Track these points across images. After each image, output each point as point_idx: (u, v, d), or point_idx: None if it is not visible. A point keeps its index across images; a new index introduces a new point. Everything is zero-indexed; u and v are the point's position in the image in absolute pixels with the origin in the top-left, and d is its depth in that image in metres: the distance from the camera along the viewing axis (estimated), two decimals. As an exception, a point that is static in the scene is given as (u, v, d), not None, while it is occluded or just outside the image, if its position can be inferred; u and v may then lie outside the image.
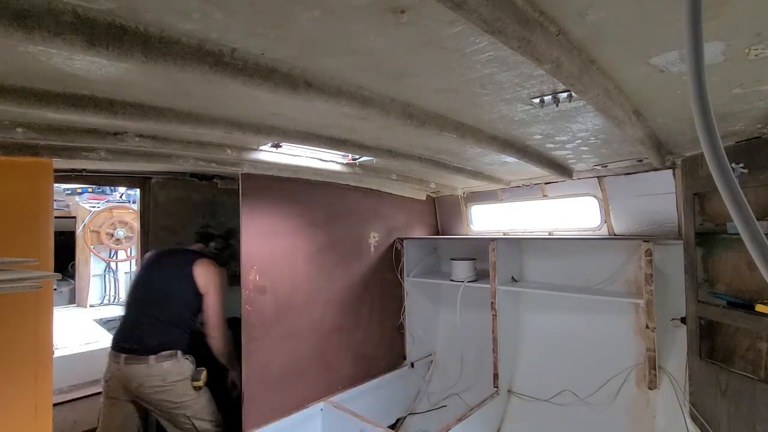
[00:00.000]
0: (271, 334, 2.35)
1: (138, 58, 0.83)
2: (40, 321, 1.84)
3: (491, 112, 1.40)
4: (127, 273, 5.93)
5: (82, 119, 1.44)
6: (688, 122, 1.52)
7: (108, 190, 5.83)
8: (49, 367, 1.86)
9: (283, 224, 2.46)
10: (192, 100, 1.30)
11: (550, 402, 2.68)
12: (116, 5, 0.73)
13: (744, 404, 1.69)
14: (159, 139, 1.70)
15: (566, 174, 2.43)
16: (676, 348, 2.26)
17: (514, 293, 2.89)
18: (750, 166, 1.64)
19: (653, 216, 2.41)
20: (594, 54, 0.98)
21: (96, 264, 5.76)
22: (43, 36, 0.72)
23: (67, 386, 3.43)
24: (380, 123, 1.49)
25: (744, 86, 1.16)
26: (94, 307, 5.59)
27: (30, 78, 1.07)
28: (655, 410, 2.30)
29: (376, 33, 0.86)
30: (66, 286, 6.61)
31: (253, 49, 0.93)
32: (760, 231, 0.39)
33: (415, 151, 2.07)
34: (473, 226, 3.44)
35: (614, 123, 1.31)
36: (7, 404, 1.74)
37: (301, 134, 1.66)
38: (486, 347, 2.82)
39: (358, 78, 1.11)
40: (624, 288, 2.51)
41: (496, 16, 0.68)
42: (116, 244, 5.72)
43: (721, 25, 0.83)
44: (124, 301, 2.53)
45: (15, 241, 1.79)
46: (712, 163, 0.41)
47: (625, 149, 1.96)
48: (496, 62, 1.00)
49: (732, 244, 1.85)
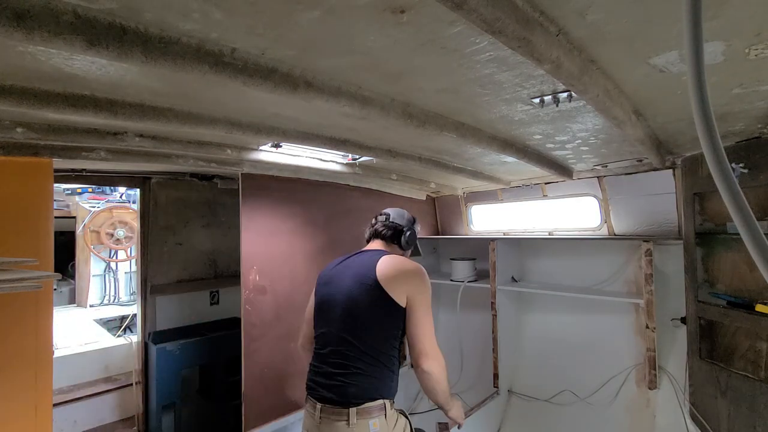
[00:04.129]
0: (271, 334, 2.35)
1: (138, 58, 0.83)
2: (40, 321, 1.84)
3: (491, 112, 1.40)
4: (127, 273, 5.93)
5: (82, 119, 1.44)
6: (688, 122, 1.52)
7: (108, 190, 5.83)
8: (49, 367, 1.86)
9: (283, 224, 2.46)
10: (192, 100, 1.30)
11: (550, 402, 2.68)
12: (116, 5, 0.73)
13: (744, 404, 1.69)
14: (159, 139, 1.70)
15: (566, 174, 2.42)
16: (676, 348, 2.26)
17: (514, 293, 2.89)
18: (750, 166, 1.65)
19: (653, 216, 2.41)
20: (594, 54, 0.98)
21: (96, 264, 5.76)
22: (43, 36, 0.72)
23: (67, 386, 3.43)
24: (380, 123, 1.49)
25: (744, 86, 1.16)
26: (94, 307, 5.59)
27: (30, 78, 1.07)
28: (655, 410, 2.30)
29: (376, 33, 0.86)
30: (66, 286, 6.61)
31: (253, 49, 0.93)
32: (760, 231, 0.39)
33: (415, 151, 2.07)
34: (473, 226, 3.44)
35: (614, 123, 1.31)
36: (7, 404, 1.74)
37: (301, 134, 1.66)
38: (486, 347, 2.82)
39: (358, 78, 1.11)
40: (624, 288, 2.51)
41: (496, 16, 0.68)
42: (116, 244, 5.72)
43: (721, 25, 0.83)
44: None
45: (15, 241, 1.79)
46: (712, 163, 0.41)
47: (625, 149, 1.96)
48: (496, 62, 1.00)
49: (732, 244, 1.85)
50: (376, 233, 1.77)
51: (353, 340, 1.49)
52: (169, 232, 3.28)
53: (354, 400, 1.44)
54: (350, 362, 1.47)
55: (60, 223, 5.25)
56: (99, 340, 3.95)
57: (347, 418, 1.42)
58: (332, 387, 1.48)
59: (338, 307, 1.54)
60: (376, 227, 1.78)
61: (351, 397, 1.44)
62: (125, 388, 3.45)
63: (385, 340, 1.51)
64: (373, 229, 1.78)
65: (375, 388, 1.47)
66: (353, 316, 1.51)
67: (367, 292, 1.50)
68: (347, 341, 1.49)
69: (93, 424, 3.33)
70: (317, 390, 1.52)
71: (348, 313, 1.52)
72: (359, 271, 1.56)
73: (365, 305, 1.50)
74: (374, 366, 1.48)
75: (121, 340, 3.95)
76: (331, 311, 1.57)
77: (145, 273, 3.18)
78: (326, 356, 1.54)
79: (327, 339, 1.56)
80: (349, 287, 1.54)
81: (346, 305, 1.52)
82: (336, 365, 1.49)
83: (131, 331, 4.22)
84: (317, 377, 1.54)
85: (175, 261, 3.31)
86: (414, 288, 1.51)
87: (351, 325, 1.51)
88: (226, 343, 3.09)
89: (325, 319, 1.59)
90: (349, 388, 1.45)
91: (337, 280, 1.61)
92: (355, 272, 1.57)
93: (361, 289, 1.51)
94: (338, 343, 1.51)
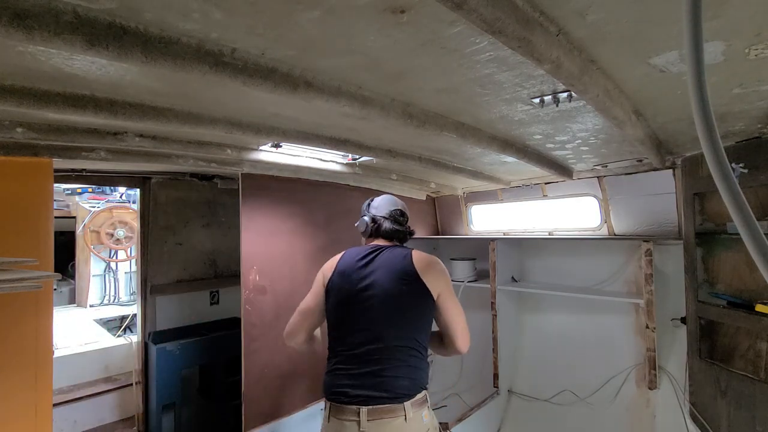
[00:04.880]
0: (271, 334, 2.35)
1: (138, 58, 0.82)
2: (40, 321, 1.84)
3: (491, 112, 1.40)
4: (127, 273, 5.93)
5: (82, 119, 1.44)
6: (688, 122, 1.52)
7: (108, 190, 5.83)
8: (49, 367, 1.86)
9: (283, 224, 2.46)
10: (192, 100, 1.30)
11: (550, 402, 2.68)
12: (116, 5, 0.73)
13: (744, 404, 1.69)
14: (159, 139, 1.70)
15: (566, 174, 2.42)
16: (676, 348, 2.26)
17: (514, 293, 2.89)
18: (750, 166, 1.65)
19: (653, 216, 2.41)
20: (594, 54, 0.98)
21: (96, 264, 5.76)
22: (43, 36, 0.72)
23: (67, 386, 3.44)
24: (380, 123, 1.49)
25: (744, 86, 1.16)
26: (94, 307, 5.59)
27: (30, 78, 1.07)
28: (655, 410, 2.30)
29: (376, 33, 0.86)
30: (66, 286, 6.62)
31: (253, 49, 0.93)
32: (760, 231, 0.39)
33: (415, 151, 2.07)
34: (473, 226, 3.44)
35: (614, 123, 1.31)
36: (7, 404, 1.74)
37: (301, 134, 1.66)
38: (486, 347, 2.82)
39: (358, 78, 1.11)
40: (624, 288, 2.51)
41: (496, 16, 0.68)
42: (116, 244, 5.72)
43: (721, 25, 0.83)
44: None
45: (15, 241, 1.79)
46: (712, 163, 0.41)
47: (625, 149, 1.96)
48: (496, 62, 1.00)
49: (732, 244, 1.85)
50: (385, 234, 1.70)
51: (399, 335, 1.49)
52: (169, 232, 3.28)
53: (407, 393, 1.44)
54: (397, 357, 1.47)
55: (60, 223, 5.25)
56: (99, 340, 3.95)
57: (404, 413, 1.40)
58: (380, 385, 1.43)
59: (377, 305, 1.51)
60: (385, 227, 1.70)
61: (405, 391, 1.44)
62: (125, 388, 3.45)
63: (425, 332, 1.56)
64: (383, 229, 1.70)
65: (421, 379, 1.50)
66: (398, 312, 1.51)
67: (408, 287, 1.51)
68: (392, 337, 1.48)
69: (93, 424, 3.33)
70: (357, 393, 1.44)
71: (391, 310, 1.51)
72: (395, 267, 1.56)
73: (408, 300, 1.52)
74: (418, 358, 1.51)
75: (121, 340, 3.95)
76: (366, 311, 1.52)
77: (145, 273, 3.18)
78: (364, 356, 1.48)
79: (363, 339, 1.50)
80: (388, 284, 1.52)
81: (388, 302, 1.51)
82: (380, 362, 1.46)
83: (131, 331, 4.22)
84: (355, 380, 1.46)
85: (175, 261, 3.31)
86: (444, 280, 1.58)
87: (395, 320, 1.50)
88: (226, 343, 3.09)
89: (358, 320, 1.53)
90: (401, 381, 1.44)
91: (367, 278, 1.56)
92: (389, 269, 1.56)
93: (401, 285, 1.52)
94: (381, 341, 1.48)
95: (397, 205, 1.77)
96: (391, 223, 1.71)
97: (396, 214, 1.73)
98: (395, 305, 1.51)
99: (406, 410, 1.41)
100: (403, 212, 1.76)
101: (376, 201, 1.79)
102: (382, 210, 1.74)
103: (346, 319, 1.55)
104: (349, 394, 1.44)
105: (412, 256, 1.59)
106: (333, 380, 1.51)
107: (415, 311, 1.53)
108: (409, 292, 1.51)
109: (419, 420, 1.43)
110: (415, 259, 1.57)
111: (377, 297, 1.51)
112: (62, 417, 3.16)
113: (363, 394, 1.42)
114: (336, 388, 1.48)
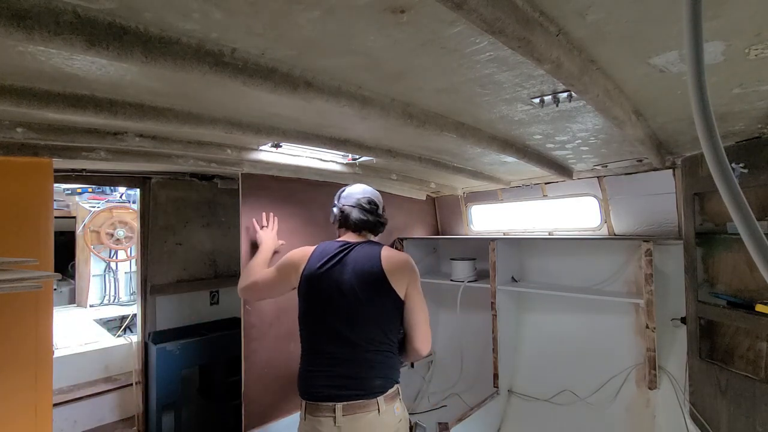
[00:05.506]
0: (271, 334, 2.35)
1: (138, 58, 0.82)
2: (40, 321, 1.84)
3: (491, 112, 1.40)
4: (127, 273, 5.93)
5: (82, 119, 1.44)
6: (688, 122, 1.52)
7: (108, 190, 5.82)
8: (49, 367, 1.86)
9: (283, 224, 2.45)
10: (192, 100, 1.30)
11: (550, 402, 2.68)
12: (116, 5, 0.73)
13: (744, 404, 1.69)
14: (159, 139, 1.70)
15: (566, 174, 2.43)
16: (676, 348, 2.26)
17: (514, 293, 2.89)
18: (750, 166, 1.65)
19: (653, 216, 2.41)
20: (594, 54, 0.98)
21: (96, 264, 5.76)
22: (43, 36, 0.72)
23: (67, 386, 3.43)
24: (380, 123, 1.49)
25: (744, 86, 1.16)
26: (94, 307, 5.59)
27: (30, 78, 1.07)
28: (655, 410, 2.30)
29: (375, 33, 0.86)
30: (66, 286, 6.62)
31: (253, 49, 0.93)
32: (760, 231, 0.39)
33: (415, 151, 2.07)
34: (473, 226, 3.44)
35: (614, 123, 1.31)
36: (7, 404, 1.74)
37: (301, 134, 1.66)
38: (486, 347, 2.82)
39: (358, 78, 1.11)
40: (624, 288, 2.51)
41: (496, 16, 0.68)
42: (116, 244, 5.72)
43: (721, 25, 0.83)
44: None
45: (15, 241, 1.79)
46: (712, 163, 0.41)
47: (625, 149, 1.96)
48: (496, 62, 1.00)
49: (732, 244, 1.85)
50: (354, 225, 1.68)
51: (370, 336, 1.51)
52: (169, 232, 3.28)
53: (381, 391, 1.48)
54: (369, 358, 1.50)
55: (60, 223, 5.25)
56: (99, 340, 3.95)
57: (377, 407, 1.46)
58: (356, 383, 1.47)
59: (346, 306, 1.53)
60: (353, 217, 1.66)
61: (378, 388, 1.49)
62: (125, 388, 3.45)
63: (395, 329, 1.58)
64: (351, 220, 1.67)
65: (393, 375, 1.56)
66: (367, 313, 1.52)
67: (376, 289, 1.52)
68: (363, 338, 1.51)
69: (93, 424, 3.33)
70: (334, 392, 1.47)
71: (361, 312, 1.52)
72: (362, 269, 1.55)
73: (377, 302, 1.53)
74: (389, 355, 1.55)
75: (121, 340, 3.95)
76: (336, 313, 1.53)
77: (145, 273, 3.18)
78: (337, 357, 1.51)
79: (335, 340, 1.52)
80: (356, 284, 1.53)
81: (357, 304, 1.52)
82: (353, 362, 1.49)
83: (131, 331, 4.22)
84: (330, 381, 1.49)
85: (175, 261, 3.31)
86: (411, 280, 1.58)
87: (364, 322, 1.52)
88: (226, 343, 3.09)
89: (329, 322, 1.54)
90: (375, 380, 1.48)
91: (335, 278, 1.56)
92: (357, 272, 1.55)
93: (369, 287, 1.52)
94: (352, 342, 1.51)
95: (366, 193, 1.73)
96: (359, 212, 1.67)
97: (363, 203, 1.69)
98: (365, 307, 1.52)
99: (379, 404, 1.46)
100: (371, 200, 1.72)
101: (346, 190, 1.76)
102: (350, 199, 1.71)
103: (317, 321, 1.57)
104: (324, 393, 1.49)
105: (381, 256, 1.56)
106: (308, 381, 1.54)
107: (384, 312, 1.55)
108: (377, 294, 1.52)
109: (391, 413, 1.49)
110: (384, 260, 1.55)
111: (346, 298, 1.53)
112: (62, 417, 3.16)
113: (337, 393, 1.47)
114: (311, 388, 1.52)
